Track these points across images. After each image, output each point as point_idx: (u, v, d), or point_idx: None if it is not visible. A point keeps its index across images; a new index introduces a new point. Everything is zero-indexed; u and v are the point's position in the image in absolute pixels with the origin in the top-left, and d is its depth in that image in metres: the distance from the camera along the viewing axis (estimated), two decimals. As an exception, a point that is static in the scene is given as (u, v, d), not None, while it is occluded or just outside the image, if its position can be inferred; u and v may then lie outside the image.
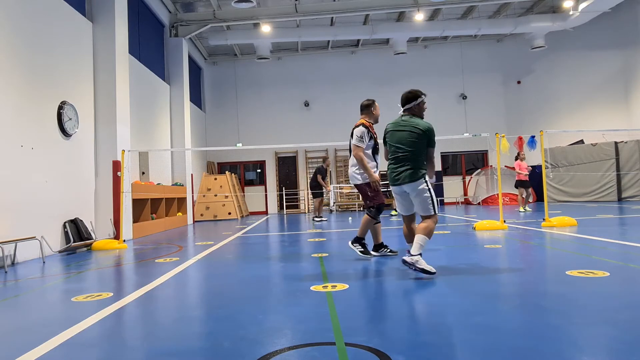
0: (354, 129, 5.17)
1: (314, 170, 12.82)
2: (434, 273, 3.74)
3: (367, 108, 5.36)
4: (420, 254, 3.79)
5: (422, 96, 4.18)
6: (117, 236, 8.33)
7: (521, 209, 11.76)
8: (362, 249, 5.12)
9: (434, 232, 4.81)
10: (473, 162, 18.92)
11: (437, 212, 3.94)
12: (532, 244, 5.62)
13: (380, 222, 5.23)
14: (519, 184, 11.95)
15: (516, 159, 12.07)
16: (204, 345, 2.39)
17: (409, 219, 4.32)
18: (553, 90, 17.56)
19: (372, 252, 5.15)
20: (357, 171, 5.17)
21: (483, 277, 3.75)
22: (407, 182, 3.97)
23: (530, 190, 12.10)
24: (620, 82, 16.51)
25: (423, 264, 3.75)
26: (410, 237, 4.22)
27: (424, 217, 3.97)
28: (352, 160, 5.19)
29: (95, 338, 2.59)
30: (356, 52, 18.65)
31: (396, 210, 12.29)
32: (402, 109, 4.19)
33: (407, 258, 3.78)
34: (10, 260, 6.07)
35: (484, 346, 2.17)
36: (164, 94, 13.22)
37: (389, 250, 5.17)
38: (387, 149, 4.28)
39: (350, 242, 5.23)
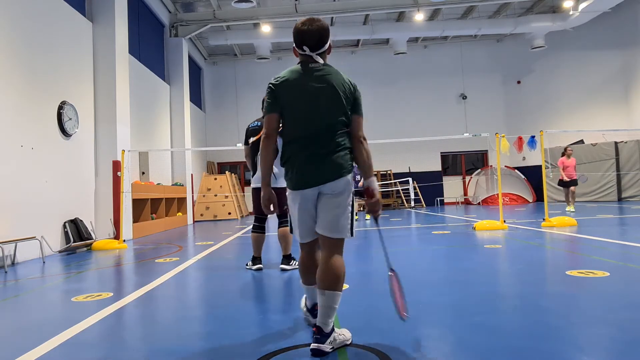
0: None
1: None
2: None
3: None
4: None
5: None
6: (117, 236, 8.33)
7: (568, 209, 10.98)
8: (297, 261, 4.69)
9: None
10: (473, 162, 18.92)
11: (353, 234, 2.35)
12: (532, 244, 5.62)
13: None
14: (561, 183, 11.27)
15: (562, 154, 11.29)
16: (204, 345, 2.39)
17: (313, 245, 2.45)
18: (553, 90, 17.56)
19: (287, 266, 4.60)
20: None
21: (483, 277, 3.75)
22: (331, 178, 2.25)
23: (567, 190, 11.20)
24: (620, 82, 16.50)
25: (345, 335, 2.29)
26: (311, 275, 2.42)
27: (332, 245, 2.27)
28: (279, 161, 4.62)
29: (95, 338, 2.59)
30: (356, 52, 18.65)
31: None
32: (314, 53, 2.36)
33: (320, 346, 2.16)
34: (10, 260, 6.07)
35: (484, 346, 2.17)
36: (164, 94, 13.22)
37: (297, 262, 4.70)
38: (273, 120, 2.34)
39: (282, 266, 4.60)
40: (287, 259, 4.61)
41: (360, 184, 4.35)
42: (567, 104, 17.29)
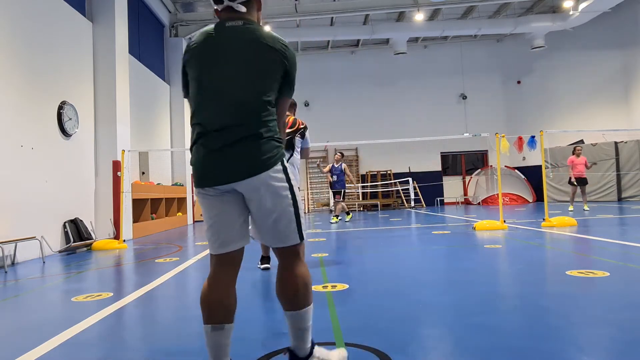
0: (303, 129, 4.70)
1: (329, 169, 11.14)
2: None
3: (294, 107, 4.80)
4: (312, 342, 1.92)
5: None
6: (117, 236, 8.33)
7: (570, 208, 10.91)
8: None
9: (437, 233, 4.28)
10: (473, 162, 18.92)
11: (305, 237, 1.87)
12: (532, 244, 5.62)
13: None
14: (574, 182, 11.05)
15: (573, 153, 11.17)
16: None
17: (232, 262, 1.87)
18: (553, 90, 17.56)
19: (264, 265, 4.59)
20: (298, 173, 4.66)
21: (483, 277, 3.75)
22: (251, 171, 1.71)
23: (575, 189, 11.09)
24: (620, 82, 16.50)
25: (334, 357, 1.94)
26: (216, 309, 1.81)
27: (286, 253, 1.83)
28: (291, 160, 4.56)
29: (95, 338, 2.59)
30: (356, 52, 18.64)
31: (337, 217, 10.72)
32: (231, 2, 1.80)
33: None
34: (10, 260, 6.07)
35: (484, 346, 2.16)
36: (164, 94, 13.22)
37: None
38: (190, 104, 1.85)
39: (261, 266, 4.60)
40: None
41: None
42: (567, 104, 17.29)
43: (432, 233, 7.45)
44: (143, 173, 11.40)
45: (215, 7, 1.85)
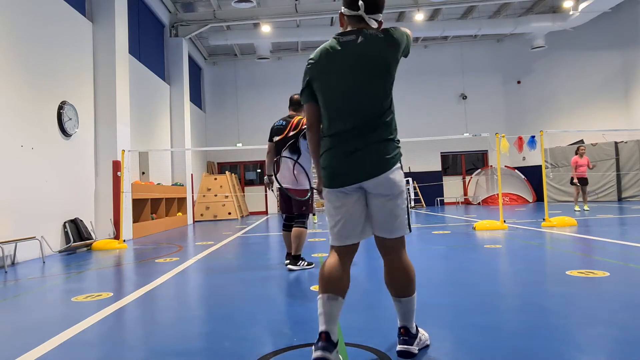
0: (301, 126, 4.56)
1: None
2: None
3: (301, 105, 4.51)
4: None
5: None
6: (117, 236, 8.33)
7: (576, 208, 10.81)
8: (306, 262, 4.63)
9: (437, 233, 4.30)
10: (473, 162, 18.93)
11: (411, 230, 2.14)
12: (532, 243, 5.62)
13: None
14: (575, 182, 10.85)
15: (576, 153, 11.01)
16: (204, 345, 2.39)
17: (351, 252, 2.11)
18: (553, 90, 17.56)
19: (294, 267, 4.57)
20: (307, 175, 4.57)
21: (483, 277, 3.75)
22: (376, 173, 1.96)
23: (579, 189, 10.90)
24: (620, 82, 16.50)
25: (425, 335, 2.23)
26: (334, 283, 2.02)
27: (394, 246, 2.09)
28: (301, 163, 4.51)
29: (95, 338, 2.59)
30: (356, 52, 18.64)
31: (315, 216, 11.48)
32: (367, 14, 2.02)
33: (409, 348, 2.06)
34: (10, 260, 6.07)
35: (484, 346, 2.16)
36: (164, 94, 13.22)
37: (306, 262, 4.64)
38: (310, 110, 2.12)
39: (290, 266, 4.57)
40: (295, 259, 4.58)
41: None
42: (567, 104, 17.29)
43: (432, 233, 7.45)
44: (143, 173, 11.40)
45: (346, 10, 2.05)
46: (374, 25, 2.03)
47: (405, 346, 2.05)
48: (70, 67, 7.86)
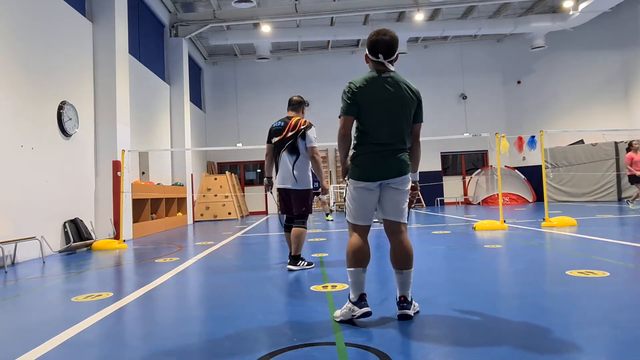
0: (304, 128, 4.59)
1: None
2: None
3: (300, 106, 4.74)
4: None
5: None
6: (117, 236, 8.33)
7: (631, 207, 10.43)
8: (306, 262, 4.65)
9: (437, 233, 4.47)
10: (473, 162, 18.92)
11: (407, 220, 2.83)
12: (532, 244, 5.62)
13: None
14: (632, 179, 10.52)
15: (627, 150, 10.52)
16: (204, 345, 2.39)
17: (367, 230, 2.82)
18: (553, 90, 17.55)
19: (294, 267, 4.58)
20: (310, 176, 4.66)
21: (483, 277, 3.75)
22: (398, 174, 2.70)
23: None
24: (620, 82, 16.50)
25: (417, 305, 2.87)
26: (361, 256, 2.72)
27: (400, 228, 2.78)
28: (300, 163, 4.57)
29: (95, 338, 2.59)
30: (356, 52, 18.64)
31: (329, 215, 12.12)
32: (386, 60, 2.73)
33: (407, 312, 2.68)
34: (10, 260, 6.07)
35: (484, 346, 2.16)
36: (164, 94, 13.22)
37: (306, 262, 4.66)
38: (350, 121, 2.77)
39: (290, 266, 4.57)
40: (295, 259, 4.58)
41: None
42: (567, 104, 17.28)
43: (432, 233, 7.45)
44: (143, 173, 11.40)
45: (370, 56, 2.75)
46: (392, 67, 2.75)
47: (404, 310, 2.65)
48: (70, 67, 7.85)
